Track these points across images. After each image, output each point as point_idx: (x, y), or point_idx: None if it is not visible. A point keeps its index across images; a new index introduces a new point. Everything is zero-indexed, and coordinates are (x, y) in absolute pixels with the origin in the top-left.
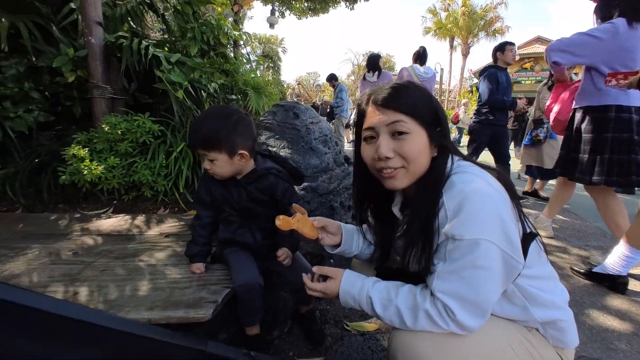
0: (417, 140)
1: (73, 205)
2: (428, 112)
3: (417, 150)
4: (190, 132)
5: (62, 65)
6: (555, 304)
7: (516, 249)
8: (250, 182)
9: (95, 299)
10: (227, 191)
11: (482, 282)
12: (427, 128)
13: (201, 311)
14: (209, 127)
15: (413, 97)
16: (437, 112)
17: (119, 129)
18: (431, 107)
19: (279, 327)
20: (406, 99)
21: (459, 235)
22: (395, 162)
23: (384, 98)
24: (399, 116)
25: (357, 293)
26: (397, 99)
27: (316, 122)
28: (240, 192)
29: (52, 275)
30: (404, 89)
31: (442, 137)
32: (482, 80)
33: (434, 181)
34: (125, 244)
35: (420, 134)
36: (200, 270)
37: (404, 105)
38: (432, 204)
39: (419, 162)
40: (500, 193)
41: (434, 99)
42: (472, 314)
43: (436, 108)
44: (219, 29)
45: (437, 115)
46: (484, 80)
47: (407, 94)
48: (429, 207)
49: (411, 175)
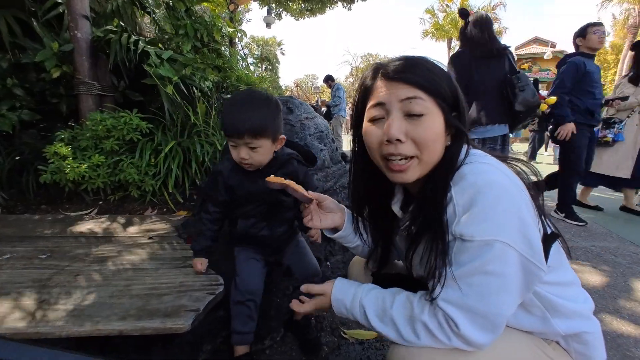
0: (434, 124)
1: (56, 206)
2: (448, 91)
3: (433, 136)
4: (231, 121)
5: (46, 59)
6: (579, 313)
7: (537, 252)
8: (275, 169)
9: (61, 308)
10: (253, 184)
11: (493, 291)
12: (444, 110)
13: (179, 321)
14: (258, 115)
15: (431, 71)
16: (457, 92)
17: (104, 125)
18: (451, 86)
19: (271, 336)
20: (424, 71)
21: (469, 236)
22: (407, 148)
23: (397, 69)
24: (416, 92)
25: (350, 302)
26: (413, 71)
27: (311, 117)
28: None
29: (20, 280)
30: (420, 61)
31: (459, 122)
32: (559, 73)
33: (446, 174)
34: (105, 246)
35: (438, 116)
36: (203, 266)
37: (422, 79)
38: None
39: (433, 150)
40: (518, 187)
41: (453, 77)
42: (480, 328)
43: (455, 87)
44: (213, 26)
45: (457, 96)
46: (560, 74)
47: (424, 67)
48: (439, 203)
49: (424, 166)
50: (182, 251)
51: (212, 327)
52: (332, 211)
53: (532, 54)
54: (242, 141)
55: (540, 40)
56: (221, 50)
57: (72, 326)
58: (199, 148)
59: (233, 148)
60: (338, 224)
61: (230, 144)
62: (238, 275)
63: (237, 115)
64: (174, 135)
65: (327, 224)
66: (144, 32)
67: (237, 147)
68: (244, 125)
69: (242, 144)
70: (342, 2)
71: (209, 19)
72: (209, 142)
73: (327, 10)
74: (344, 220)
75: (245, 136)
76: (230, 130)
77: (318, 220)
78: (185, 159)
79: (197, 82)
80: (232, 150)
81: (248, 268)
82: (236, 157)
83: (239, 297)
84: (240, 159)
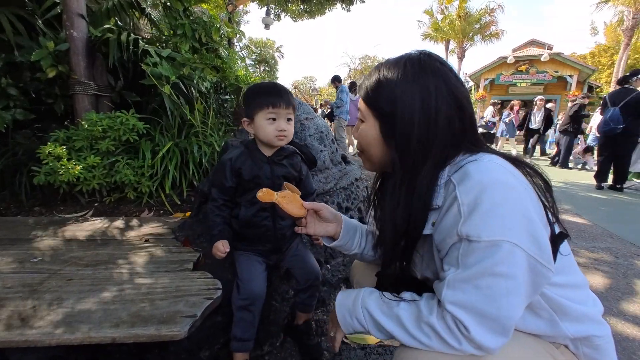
0: (366, 131)
1: (50, 208)
2: (384, 100)
3: (364, 140)
4: (278, 94)
5: (41, 59)
6: (589, 316)
7: (545, 253)
8: (282, 158)
9: (52, 315)
10: (259, 168)
11: (503, 294)
12: (380, 119)
13: (175, 328)
14: (290, 93)
15: (375, 81)
16: (394, 102)
17: (100, 125)
18: (389, 96)
19: (270, 341)
20: (368, 84)
21: (475, 236)
22: (358, 144)
23: (361, 85)
24: (361, 104)
25: (352, 304)
26: (362, 85)
27: (311, 117)
28: (272, 167)
29: (10, 285)
30: (372, 73)
31: (393, 136)
32: None
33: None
34: (99, 249)
35: (372, 124)
36: (225, 247)
37: (363, 92)
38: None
39: (369, 152)
40: (525, 185)
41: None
42: (490, 331)
43: (394, 98)
44: (211, 26)
45: (394, 108)
46: None
47: (370, 77)
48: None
49: (370, 163)
50: (179, 254)
51: (210, 333)
52: (328, 221)
53: (529, 56)
54: (286, 112)
55: (537, 43)
56: (219, 52)
57: (63, 334)
58: (196, 149)
59: (271, 122)
60: (332, 234)
61: (270, 117)
62: (240, 279)
63: (279, 91)
64: (171, 136)
65: (320, 232)
66: (141, 32)
67: (277, 119)
68: (288, 98)
69: (285, 115)
70: (341, 3)
71: (207, 19)
72: (207, 143)
73: (326, 12)
74: (340, 230)
75: (291, 106)
76: (279, 100)
77: (312, 228)
78: (183, 160)
79: (196, 82)
80: (269, 125)
81: (250, 271)
82: (273, 131)
83: (241, 302)
84: (281, 130)
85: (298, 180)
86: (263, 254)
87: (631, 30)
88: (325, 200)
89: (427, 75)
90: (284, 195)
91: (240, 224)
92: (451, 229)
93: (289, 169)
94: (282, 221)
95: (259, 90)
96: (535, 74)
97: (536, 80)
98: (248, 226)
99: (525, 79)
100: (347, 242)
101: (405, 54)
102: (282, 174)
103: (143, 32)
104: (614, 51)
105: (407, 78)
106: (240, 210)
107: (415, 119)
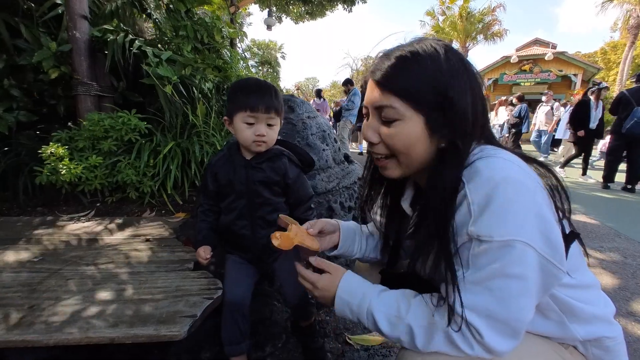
0: (408, 129)
1: (52, 208)
2: (431, 92)
3: (406, 141)
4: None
5: (44, 60)
6: (599, 317)
7: (558, 253)
8: (262, 161)
9: (50, 314)
10: (234, 172)
11: (514, 295)
12: (425, 114)
13: (175, 328)
14: (277, 93)
15: (412, 73)
16: (445, 93)
17: (102, 126)
18: (437, 87)
19: (272, 343)
20: (403, 76)
21: (486, 236)
22: (381, 148)
23: (380, 73)
24: (390, 99)
25: (357, 306)
26: (391, 75)
27: (313, 116)
28: (248, 172)
29: (10, 285)
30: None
31: (446, 126)
32: None
33: (442, 174)
34: (99, 249)
35: (415, 121)
36: (206, 254)
37: (397, 86)
38: (445, 200)
39: (408, 153)
40: (537, 183)
41: (446, 73)
42: (502, 335)
43: (445, 88)
44: (213, 27)
45: (445, 98)
46: None
47: (405, 69)
48: (440, 204)
49: (405, 167)
50: (180, 254)
51: (211, 334)
52: (330, 232)
53: (533, 55)
54: (266, 116)
55: (541, 42)
56: (222, 53)
57: (61, 334)
58: (198, 149)
59: (249, 126)
60: (336, 242)
61: (248, 121)
62: (224, 283)
63: (261, 91)
64: (173, 136)
65: (328, 247)
66: (144, 33)
67: (255, 124)
68: (271, 100)
69: (264, 119)
70: (342, 4)
71: (209, 19)
72: (209, 142)
73: (327, 13)
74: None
75: (272, 111)
76: (259, 103)
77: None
78: (185, 159)
79: (197, 82)
80: (247, 129)
81: (234, 276)
82: (251, 136)
83: (224, 306)
84: (259, 136)
85: (283, 185)
86: (250, 261)
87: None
88: (328, 199)
89: (466, 65)
90: (296, 232)
91: (221, 229)
92: (461, 228)
93: (267, 173)
94: (262, 230)
95: (241, 88)
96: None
97: (540, 79)
98: (229, 233)
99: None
100: (348, 247)
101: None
102: (260, 179)
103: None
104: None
105: (452, 66)
106: (221, 216)
107: (468, 110)
